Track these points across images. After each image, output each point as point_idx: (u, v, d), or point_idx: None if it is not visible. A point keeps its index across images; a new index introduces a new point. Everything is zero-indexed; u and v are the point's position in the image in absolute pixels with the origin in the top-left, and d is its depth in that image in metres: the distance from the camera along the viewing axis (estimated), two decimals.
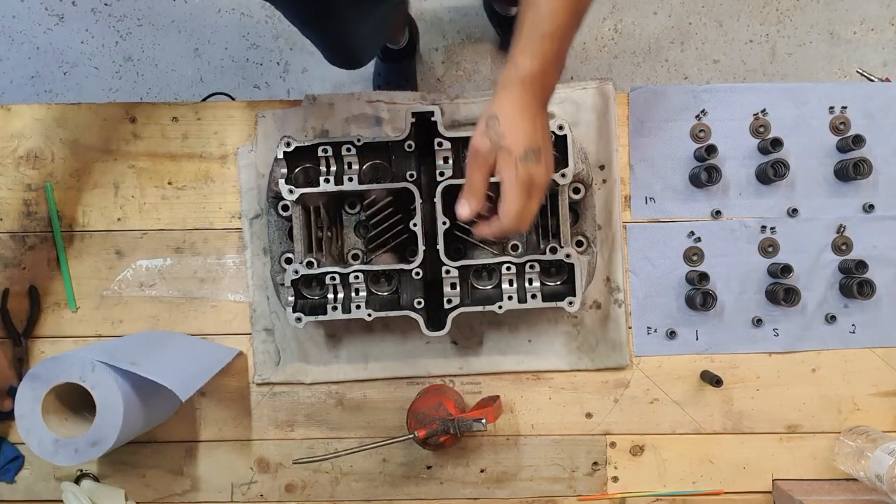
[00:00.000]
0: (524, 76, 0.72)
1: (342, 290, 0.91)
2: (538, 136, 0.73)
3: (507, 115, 0.72)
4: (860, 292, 0.97)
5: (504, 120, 0.72)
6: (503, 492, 1.01)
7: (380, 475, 1.01)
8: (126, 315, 1.01)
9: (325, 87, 1.89)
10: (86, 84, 1.89)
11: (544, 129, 0.75)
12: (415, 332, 0.98)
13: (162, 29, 1.89)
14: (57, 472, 1.00)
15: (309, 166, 0.94)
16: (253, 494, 1.01)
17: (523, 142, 0.72)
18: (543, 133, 0.74)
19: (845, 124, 1.01)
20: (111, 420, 0.81)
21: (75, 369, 0.81)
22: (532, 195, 0.74)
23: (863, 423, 1.00)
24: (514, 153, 0.72)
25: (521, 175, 0.72)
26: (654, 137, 1.02)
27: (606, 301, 1.00)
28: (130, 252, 1.01)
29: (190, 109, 1.03)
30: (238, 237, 1.02)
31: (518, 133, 0.72)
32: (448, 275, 0.89)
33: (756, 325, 1.01)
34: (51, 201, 1.01)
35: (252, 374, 1.01)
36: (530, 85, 0.72)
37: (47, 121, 1.02)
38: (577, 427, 1.01)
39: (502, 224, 0.75)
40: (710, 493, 1.00)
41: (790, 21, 1.87)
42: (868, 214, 1.01)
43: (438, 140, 0.90)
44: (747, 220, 1.01)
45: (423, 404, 0.93)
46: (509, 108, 0.73)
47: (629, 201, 1.02)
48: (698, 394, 1.01)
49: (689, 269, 1.01)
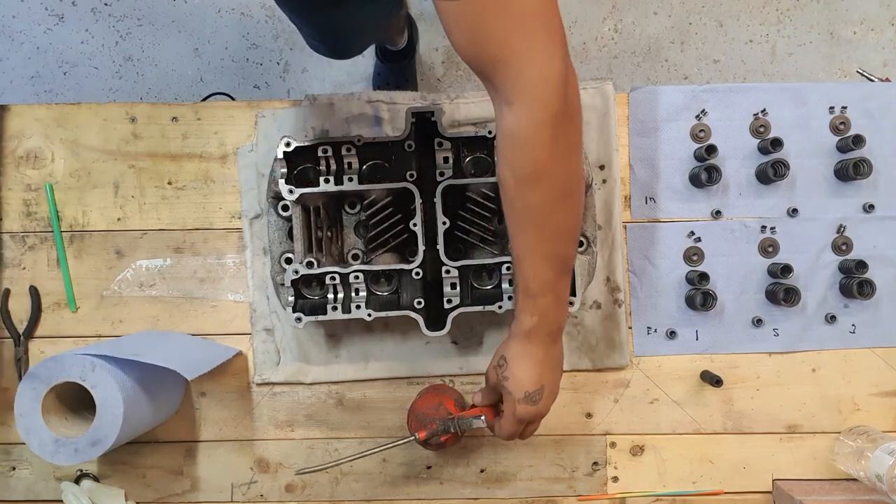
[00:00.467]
0: (527, 331, 0.79)
1: (342, 290, 0.91)
2: (543, 377, 0.81)
3: (513, 362, 0.81)
4: (860, 292, 0.97)
5: (510, 364, 0.81)
6: (503, 492, 1.01)
7: (380, 475, 1.01)
8: (126, 315, 1.01)
9: (325, 87, 1.89)
10: (86, 84, 1.89)
11: (552, 365, 0.82)
12: (415, 332, 0.98)
13: (162, 29, 1.89)
14: (57, 472, 1.00)
15: (309, 166, 0.94)
16: (253, 494, 1.01)
17: (524, 387, 0.80)
18: (551, 370, 0.82)
19: (845, 124, 1.01)
20: (111, 420, 0.81)
21: (75, 369, 0.81)
22: (527, 424, 0.84)
23: (863, 423, 1.00)
24: (514, 395, 0.80)
25: (519, 412, 0.81)
26: (654, 137, 1.02)
27: (606, 301, 1.00)
28: (130, 252, 1.01)
29: (190, 109, 1.03)
30: (238, 237, 1.02)
31: (520, 379, 0.80)
32: (448, 275, 0.89)
33: (756, 325, 1.01)
34: (51, 201, 1.01)
35: (252, 374, 1.01)
36: (536, 336, 0.79)
37: (47, 121, 1.02)
38: (577, 427, 1.01)
39: (498, 434, 0.86)
40: (710, 493, 1.00)
41: (790, 21, 1.87)
42: (868, 214, 1.01)
43: (438, 140, 0.90)
44: (747, 220, 1.01)
45: (423, 404, 0.93)
46: (515, 356, 0.81)
47: (629, 201, 1.02)
48: (698, 394, 1.01)
49: (689, 269, 1.01)
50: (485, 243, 0.95)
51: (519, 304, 0.79)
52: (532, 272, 0.75)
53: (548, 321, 0.78)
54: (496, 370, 0.83)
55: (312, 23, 1.16)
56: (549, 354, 0.81)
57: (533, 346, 0.80)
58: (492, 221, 0.95)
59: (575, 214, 0.76)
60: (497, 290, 0.93)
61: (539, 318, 0.78)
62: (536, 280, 0.76)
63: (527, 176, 0.70)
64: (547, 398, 0.82)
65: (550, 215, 0.73)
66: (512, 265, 0.79)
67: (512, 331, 0.81)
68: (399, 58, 1.77)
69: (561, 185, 0.72)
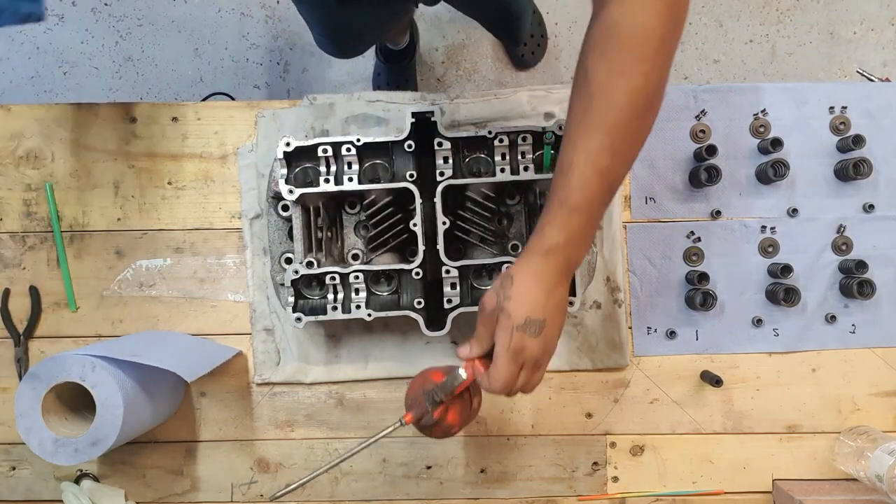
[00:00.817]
0: (548, 247, 0.71)
1: (342, 290, 0.91)
2: (547, 309, 0.72)
3: (520, 280, 0.72)
4: (860, 292, 0.97)
5: (516, 284, 0.71)
6: (503, 492, 1.01)
7: (380, 475, 1.01)
8: (126, 315, 1.01)
9: (325, 87, 1.89)
10: (86, 84, 1.89)
11: (557, 305, 0.73)
12: (415, 332, 0.98)
13: (162, 29, 1.90)
14: (57, 472, 1.00)
15: (309, 166, 0.94)
16: (253, 494, 1.01)
17: (526, 310, 0.71)
18: (555, 308, 0.73)
19: (845, 124, 1.01)
20: (111, 420, 0.81)
21: (75, 369, 0.81)
22: (524, 366, 0.73)
23: (863, 423, 1.00)
24: (513, 319, 0.71)
25: (514, 343, 0.71)
26: (654, 137, 1.01)
27: (606, 301, 1.00)
28: (130, 252, 1.01)
29: (190, 109, 1.03)
30: (238, 237, 1.02)
31: (523, 301, 0.71)
32: (448, 275, 0.89)
33: (756, 325, 1.01)
34: (51, 201, 1.01)
35: (252, 374, 1.01)
36: (553, 257, 0.71)
37: (47, 121, 1.02)
38: (577, 427, 1.01)
39: (489, 386, 0.74)
40: (710, 493, 1.00)
41: (790, 21, 1.87)
42: (868, 214, 1.01)
43: (438, 140, 0.90)
44: (747, 220, 1.01)
45: (411, 389, 0.83)
46: (525, 274, 0.72)
47: (629, 201, 1.02)
48: (698, 394, 1.01)
49: (689, 269, 1.01)
50: (485, 243, 0.95)
51: (548, 216, 0.71)
52: (581, 182, 0.68)
53: (572, 245, 0.71)
54: (497, 292, 0.73)
55: (325, 20, 1.17)
56: (558, 287, 0.73)
57: (547, 268, 0.71)
58: (492, 221, 0.95)
59: (646, 133, 0.70)
60: None
61: (565, 238, 0.70)
62: (582, 192, 0.69)
63: (625, 70, 0.65)
64: (548, 339, 0.73)
65: (628, 123, 0.67)
66: (554, 173, 0.71)
67: (528, 247, 0.73)
68: (400, 58, 1.78)
69: (653, 91, 0.67)
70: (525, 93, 1.01)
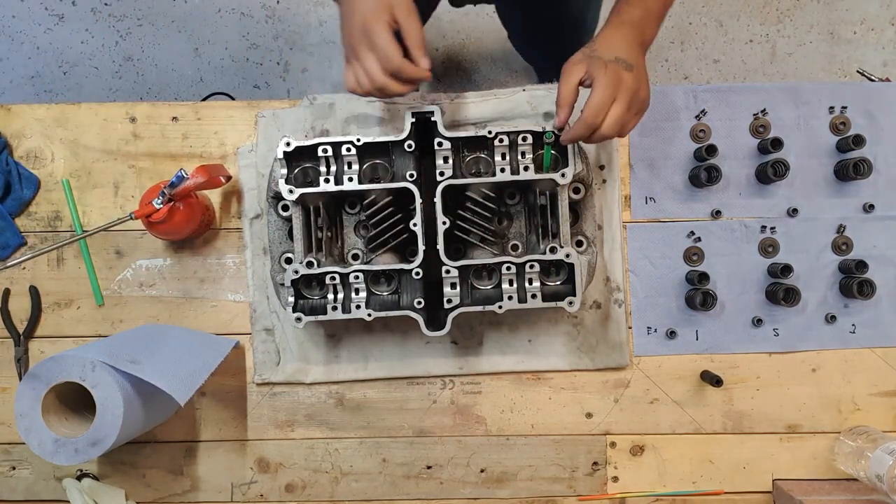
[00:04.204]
0: (624, 20, 0.78)
1: (342, 290, 0.91)
2: (632, 55, 0.78)
3: (602, 37, 0.79)
4: (860, 292, 0.97)
5: (599, 39, 0.79)
6: (503, 492, 1.01)
7: (380, 475, 1.01)
8: (126, 315, 1.01)
9: (325, 87, 1.89)
10: (86, 84, 1.89)
11: (639, 57, 0.79)
12: (415, 332, 0.98)
13: (162, 29, 1.90)
14: (57, 472, 1.00)
15: (309, 166, 0.94)
16: (253, 494, 1.01)
17: (615, 51, 0.77)
18: (638, 59, 0.79)
19: (845, 124, 1.01)
20: (111, 420, 0.81)
21: (75, 369, 0.81)
22: (619, 97, 0.77)
23: (863, 423, 1.00)
24: (604, 58, 0.77)
25: (610, 73, 0.76)
26: (654, 137, 1.02)
27: (606, 301, 1.00)
28: (130, 252, 1.01)
29: (190, 109, 1.03)
30: (238, 237, 1.02)
31: (610, 45, 0.77)
32: (448, 275, 0.89)
33: (756, 325, 1.01)
34: (69, 196, 1.01)
35: (252, 374, 1.01)
36: (630, 25, 0.78)
37: (47, 121, 1.02)
38: (577, 427, 1.01)
39: (584, 117, 0.78)
40: (710, 493, 1.00)
41: (790, 21, 1.87)
42: (868, 214, 1.01)
43: (438, 140, 0.90)
44: (747, 220, 1.01)
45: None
46: (606, 35, 0.79)
47: (629, 201, 1.02)
48: (698, 394, 1.01)
49: (689, 269, 1.01)
50: (485, 243, 0.95)
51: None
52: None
53: (646, 21, 0.79)
54: (582, 52, 0.80)
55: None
56: (637, 46, 0.80)
57: (626, 32, 0.79)
58: (492, 221, 0.95)
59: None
60: (497, 290, 0.93)
61: (640, 15, 0.78)
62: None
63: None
64: (642, 81, 0.79)
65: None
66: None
67: (605, 24, 0.81)
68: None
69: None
70: (525, 93, 1.01)
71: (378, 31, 0.75)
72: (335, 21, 1.89)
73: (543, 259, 0.90)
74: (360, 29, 0.76)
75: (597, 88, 0.77)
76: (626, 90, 0.77)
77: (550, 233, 0.92)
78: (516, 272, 0.90)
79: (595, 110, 0.77)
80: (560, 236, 0.89)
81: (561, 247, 0.89)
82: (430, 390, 1.01)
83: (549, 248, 0.90)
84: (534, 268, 0.90)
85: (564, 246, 0.89)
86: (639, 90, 0.79)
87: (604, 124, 0.78)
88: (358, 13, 0.76)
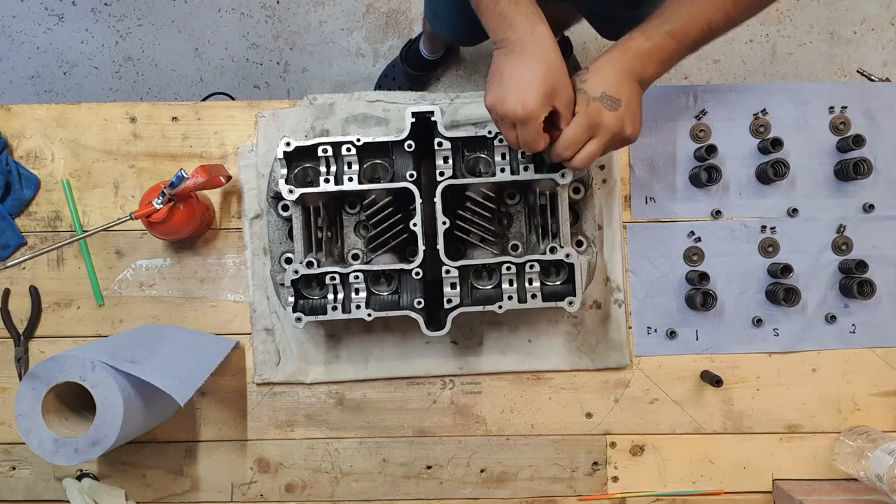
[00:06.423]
0: (630, 47, 0.76)
1: (342, 290, 0.91)
2: (622, 90, 0.75)
3: (596, 68, 0.76)
4: (860, 292, 0.97)
5: (592, 69, 0.76)
6: (503, 492, 1.01)
7: (380, 475, 1.01)
8: (126, 315, 1.01)
9: (325, 87, 1.89)
10: (86, 84, 1.89)
11: (632, 92, 0.77)
12: (415, 332, 0.98)
13: (162, 29, 1.90)
14: (57, 472, 1.00)
15: (309, 166, 0.94)
16: (253, 494, 1.01)
17: (602, 86, 0.75)
18: (630, 94, 0.76)
19: (845, 124, 1.01)
20: (111, 420, 0.81)
21: (75, 369, 0.81)
22: (597, 135, 0.76)
23: (863, 423, 1.00)
24: (588, 94, 0.75)
25: (590, 111, 0.75)
26: (654, 137, 1.02)
27: (606, 301, 1.00)
28: (130, 252, 1.01)
29: (190, 109, 1.03)
30: (238, 237, 1.02)
31: (599, 80, 0.75)
32: (448, 275, 0.89)
33: (756, 325, 1.01)
34: (69, 197, 1.01)
35: (252, 374, 1.01)
36: (633, 55, 0.76)
37: (47, 121, 1.02)
38: (577, 427, 1.01)
39: (555, 148, 0.78)
40: (710, 493, 1.00)
41: (790, 21, 1.87)
42: (868, 214, 1.01)
43: (438, 140, 0.90)
44: (747, 220, 1.01)
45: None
46: (601, 64, 0.76)
47: (629, 201, 1.02)
48: (698, 394, 1.01)
49: (689, 269, 1.01)
50: (485, 243, 0.95)
51: (643, 27, 0.77)
52: (689, 19, 0.75)
53: (653, 56, 0.76)
54: (574, 80, 0.77)
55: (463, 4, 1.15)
56: (631, 79, 0.76)
57: (625, 61, 0.76)
58: (492, 221, 0.95)
59: (756, 11, 0.79)
60: (497, 290, 0.93)
61: (649, 47, 0.76)
62: (686, 27, 0.76)
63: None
64: (627, 121, 0.76)
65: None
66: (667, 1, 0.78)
67: (608, 49, 0.78)
68: (427, 67, 1.76)
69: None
70: None
71: (531, 124, 0.75)
72: (335, 21, 1.89)
73: (543, 259, 0.90)
74: (517, 103, 0.74)
75: (572, 124, 0.76)
76: (605, 131, 0.76)
77: (550, 233, 0.92)
78: (516, 272, 0.90)
79: (566, 144, 0.77)
80: (560, 236, 0.89)
81: (561, 247, 0.89)
82: (430, 390, 1.01)
83: (549, 248, 0.90)
84: (534, 268, 0.90)
85: (564, 246, 0.89)
86: (621, 130, 0.76)
87: (575, 158, 0.77)
88: (516, 89, 0.75)
